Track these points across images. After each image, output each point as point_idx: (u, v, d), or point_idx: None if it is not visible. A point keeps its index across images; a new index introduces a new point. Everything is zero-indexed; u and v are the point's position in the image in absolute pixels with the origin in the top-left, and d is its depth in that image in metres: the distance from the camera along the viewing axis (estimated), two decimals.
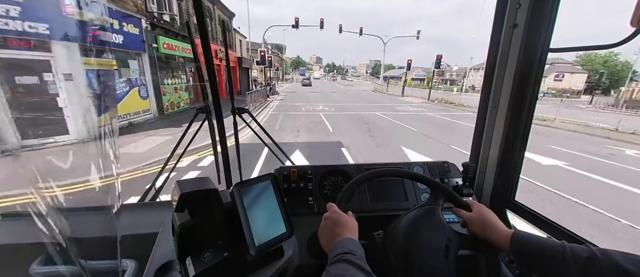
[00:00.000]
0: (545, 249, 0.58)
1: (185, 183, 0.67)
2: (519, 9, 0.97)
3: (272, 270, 0.76)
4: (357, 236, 0.69)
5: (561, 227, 0.92)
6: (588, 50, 1.68)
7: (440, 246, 0.72)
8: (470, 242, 0.73)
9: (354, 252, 0.59)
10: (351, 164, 1.22)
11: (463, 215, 0.79)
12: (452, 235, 0.74)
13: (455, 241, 0.73)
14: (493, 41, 1.09)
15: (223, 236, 0.72)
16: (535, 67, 0.98)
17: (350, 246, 0.61)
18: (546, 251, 0.57)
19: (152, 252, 0.81)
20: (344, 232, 0.67)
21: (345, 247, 0.60)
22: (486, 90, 1.16)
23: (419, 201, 1.15)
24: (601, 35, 34.82)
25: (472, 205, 0.80)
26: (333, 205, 0.77)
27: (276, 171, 1.15)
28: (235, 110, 1.43)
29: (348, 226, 0.70)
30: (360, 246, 0.64)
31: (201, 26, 1.08)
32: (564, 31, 1.52)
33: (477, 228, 0.74)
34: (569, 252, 0.54)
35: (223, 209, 0.71)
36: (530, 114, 1.04)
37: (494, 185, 1.18)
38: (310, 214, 1.08)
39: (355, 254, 0.58)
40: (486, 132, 1.19)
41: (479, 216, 0.75)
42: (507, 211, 1.14)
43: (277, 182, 0.80)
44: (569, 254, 0.54)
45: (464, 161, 1.19)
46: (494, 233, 0.70)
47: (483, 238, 0.72)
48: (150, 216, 1.06)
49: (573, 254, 0.53)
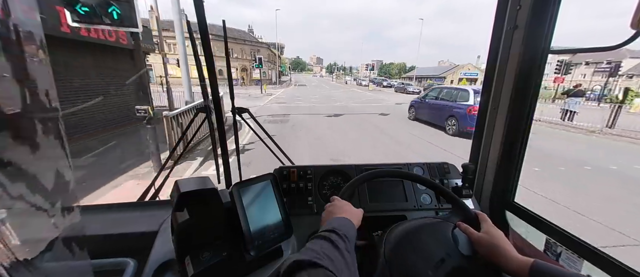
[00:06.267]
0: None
1: (185, 182, 0.67)
2: (519, 11, 0.97)
3: (271, 270, 0.76)
4: (356, 219, 0.68)
5: (561, 229, 0.92)
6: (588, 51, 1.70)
7: (436, 256, 0.68)
8: (472, 266, 0.67)
9: (336, 229, 0.57)
10: (351, 164, 1.22)
11: (471, 234, 0.71)
12: (453, 252, 0.70)
13: (455, 259, 0.68)
14: (493, 42, 1.09)
15: (222, 235, 0.72)
16: (536, 69, 0.98)
17: (334, 223, 0.61)
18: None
19: (152, 252, 0.81)
20: (342, 213, 0.68)
21: (330, 225, 0.60)
22: (486, 91, 1.16)
23: (419, 202, 1.15)
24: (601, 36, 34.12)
25: (482, 223, 0.73)
26: (336, 197, 0.77)
27: (276, 171, 1.15)
28: (235, 110, 1.43)
29: (345, 209, 0.70)
30: (350, 223, 0.63)
31: (201, 25, 1.08)
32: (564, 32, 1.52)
33: (485, 250, 0.67)
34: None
35: (222, 209, 0.71)
36: (530, 115, 1.04)
37: (493, 186, 1.18)
38: (309, 214, 1.08)
39: (338, 231, 0.57)
40: (486, 133, 1.19)
41: (488, 238, 0.67)
42: (506, 212, 1.14)
43: (276, 182, 0.80)
44: None
45: (463, 162, 1.19)
46: (505, 259, 0.62)
47: (491, 262, 0.65)
48: (149, 215, 1.06)
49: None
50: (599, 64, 36.54)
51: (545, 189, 4.29)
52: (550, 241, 0.94)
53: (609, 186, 4.94)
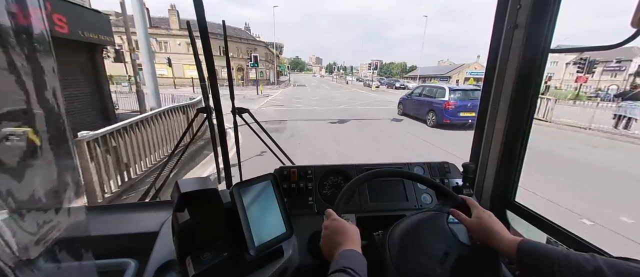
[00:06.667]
0: (553, 261, 0.56)
1: (185, 183, 0.67)
2: (519, 10, 0.97)
3: (272, 270, 0.76)
4: (359, 243, 0.68)
5: (561, 228, 0.92)
6: (588, 50, 1.67)
7: (439, 250, 0.70)
8: (471, 254, 0.71)
9: (354, 268, 0.58)
10: (351, 164, 1.22)
11: (463, 220, 0.75)
12: (453, 243, 0.72)
13: (456, 249, 0.70)
14: (493, 42, 1.09)
15: (223, 235, 0.72)
16: (536, 68, 0.98)
17: (351, 258, 0.61)
18: (554, 263, 0.55)
19: (152, 252, 0.81)
20: (346, 242, 0.66)
21: (346, 261, 0.60)
22: (486, 90, 1.16)
23: (419, 202, 1.15)
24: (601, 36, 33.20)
25: (471, 208, 0.77)
26: (332, 213, 0.74)
27: (276, 171, 1.15)
28: (236, 110, 1.43)
29: (349, 234, 0.69)
30: (362, 258, 0.63)
31: (201, 25, 1.08)
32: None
33: (478, 235, 0.71)
34: (574, 265, 0.53)
35: (223, 209, 0.71)
36: (531, 114, 1.04)
37: (494, 185, 1.18)
38: (310, 214, 1.08)
39: (356, 269, 0.57)
40: (486, 132, 1.19)
41: (478, 222, 0.72)
42: (507, 211, 1.15)
43: (277, 182, 0.80)
44: (574, 268, 0.52)
45: (464, 162, 1.19)
46: (497, 241, 0.67)
47: (487, 245, 0.69)
48: (150, 215, 1.06)
49: (579, 267, 0.52)
50: (608, 63, 35.22)
51: None
52: (551, 240, 0.94)
53: None
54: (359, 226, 0.73)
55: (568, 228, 0.91)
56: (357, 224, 1.07)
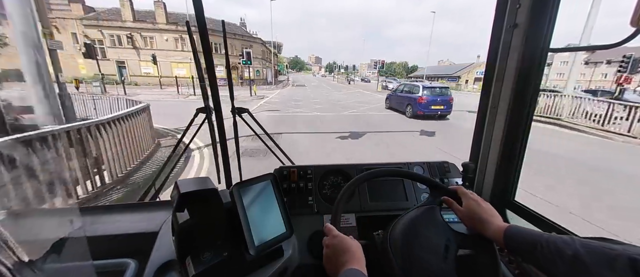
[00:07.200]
0: (536, 242, 0.59)
1: (185, 183, 0.67)
2: (519, 9, 0.97)
3: (272, 270, 0.76)
4: (363, 261, 0.67)
5: (562, 228, 0.92)
6: (588, 50, 1.68)
7: (439, 245, 0.71)
8: (469, 242, 0.73)
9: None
10: (351, 164, 1.22)
11: (456, 209, 0.79)
12: (451, 235, 0.74)
13: (454, 241, 0.73)
14: (493, 41, 1.09)
15: (222, 235, 0.72)
16: (535, 67, 0.98)
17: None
18: (536, 244, 0.59)
19: (152, 252, 0.81)
20: (350, 261, 0.65)
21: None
22: (486, 90, 1.16)
23: (419, 201, 1.15)
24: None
25: (462, 197, 0.79)
26: (332, 228, 0.72)
27: (276, 171, 1.15)
28: (235, 110, 1.43)
29: (352, 251, 0.68)
30: (361, 275, 0.62)
31: (201, 25, 1.08)
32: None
33: (469, 223, 0.75)
34: (553, 248, 0.55)
35: (223, 209, 0.71)
36: (530, 113, 1.04)
37: (494, 185, 1.18)
38: (310, 213, 1.08)
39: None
40: (486, 132, 1.19)
41: (467, 212, 0.75)
42: (507, 210, 1.15)
43: (276, 182, 0.80)
44: (553, 249, 0.55)
45: (464, 161, 1.19)
46: (486, 228, 0.70)
47: (479, 232, 0.72)
48: (150, 215, 1.06)
49: (559, 251, 0.54)
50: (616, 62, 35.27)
51: None
52: None
53: None
54: (359, 225, 0.72)
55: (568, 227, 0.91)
56: (357, 223, 1.07)
